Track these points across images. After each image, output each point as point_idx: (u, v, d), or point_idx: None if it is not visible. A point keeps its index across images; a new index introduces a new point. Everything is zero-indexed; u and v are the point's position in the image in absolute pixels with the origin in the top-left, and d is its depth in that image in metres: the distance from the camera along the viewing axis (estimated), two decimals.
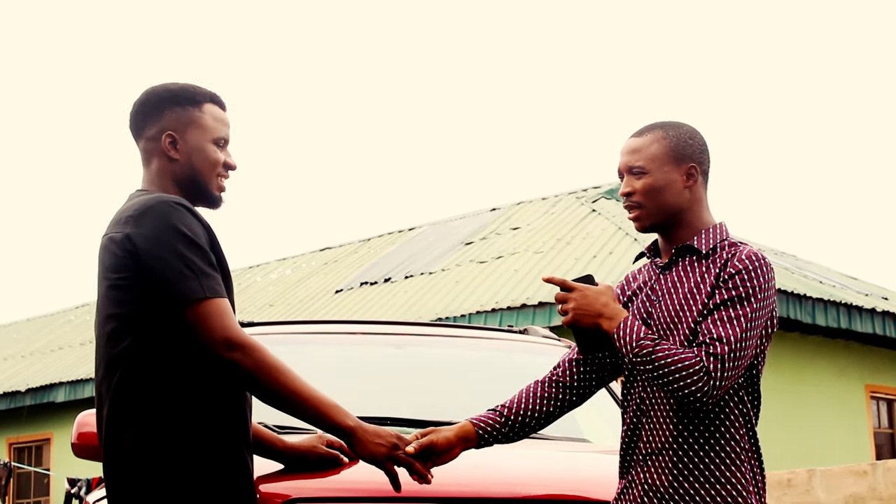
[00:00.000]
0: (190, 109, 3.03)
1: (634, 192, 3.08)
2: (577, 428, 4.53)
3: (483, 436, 3.16)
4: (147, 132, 3.04)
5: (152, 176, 3.05)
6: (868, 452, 15.38)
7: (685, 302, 2.99)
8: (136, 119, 3.07)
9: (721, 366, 2.86)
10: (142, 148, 3.07)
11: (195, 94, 3.06)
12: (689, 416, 2.95)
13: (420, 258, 19.21)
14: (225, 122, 3.08)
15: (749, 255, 2.97)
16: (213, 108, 3.07)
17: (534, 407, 3.20)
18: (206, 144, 3.03)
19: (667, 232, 3.11)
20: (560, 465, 3.69)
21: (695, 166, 3.07)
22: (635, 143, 3.11)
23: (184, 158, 3.01)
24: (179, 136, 3.01)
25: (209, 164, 3.03)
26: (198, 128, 3.03)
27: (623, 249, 15.40)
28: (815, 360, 14.94)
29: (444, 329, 5.12)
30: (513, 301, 14.96)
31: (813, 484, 9.67)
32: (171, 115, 3.02)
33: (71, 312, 26.04)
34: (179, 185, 3.03)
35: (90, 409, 4.48)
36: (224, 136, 3.06)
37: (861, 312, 15.03)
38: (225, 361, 2.80)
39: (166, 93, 3.05)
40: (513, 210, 20.00)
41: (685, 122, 3.14)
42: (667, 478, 2.95)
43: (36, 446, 21.08)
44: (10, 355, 23.88)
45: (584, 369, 3.22)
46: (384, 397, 4.26)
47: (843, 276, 18.37)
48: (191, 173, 3.02)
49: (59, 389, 20.04)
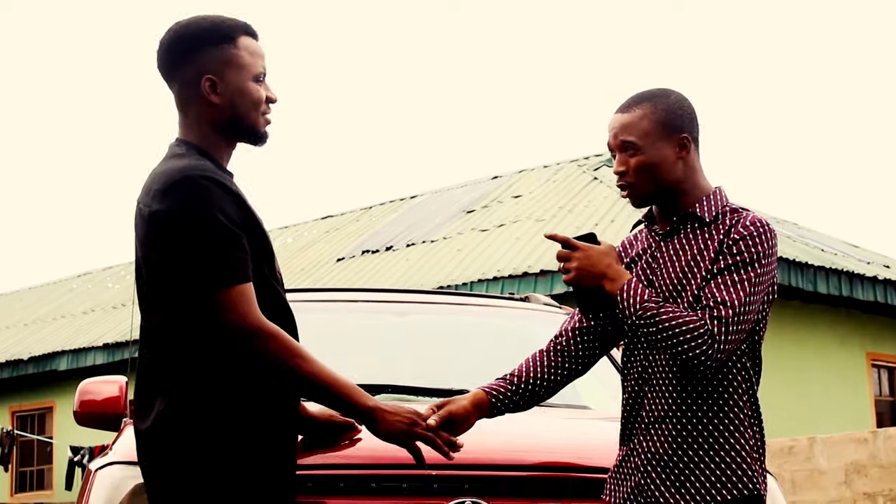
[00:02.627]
0: (226, 48, 2.87)
1: (628, 170, 3.03)
2: (578, 395, 4.54)
3: (496, 404, 3.16)
4: (182, 75, 2.88)
5: (191, 123, 2.90)
6: (869, 420, 15.41)
7: (688, 269, 2.98)
8: (167, 59, 2.91)
9: (725, 328, 2.85)
10: (176, 92, 2.91)
11: (229, 28, 2.89)
12: (693, 384, 2.94)
13: (421, 226, 19.20)
14: (261, 55, 2.92)
15: (754, 221, 2.96)
16: (247, 41, 2.91)
17: (542, 375, 3.20)
18: (247, 84, 2.88)
19: (664, 203, 3.08)
20: (561, 433, 3.70)
21: (686, 136, 3.02)
22: (624, 118, 3.04)
23: (225, 102, 2.87)
24: (219, 79, 2.85)
25: (253, 103, 2.89)
26: (237, 67, 2.87)
27: (625, 217, 15.39)
28: (817, 328, 14.95)
29: (446, 297, 5.13)
30: (514, 269, 14.96)
31: (814, 451, 9.69)
32: (206, 55, 2.85)
33: (73, 281, 26.06)
34: (222, 130, 2.89)
35: (93, 378, 4.50)
36: (263, 70, 2.92)
37: (862, 280, 15.03)
38: (244, 348, 2.75)
39: (198, 30, 2.88)
40: (514, 178, 19.98)
41: (670, 89, 3.08)
42: (669, 446, 2.95)
43: (39, 414, 21.14)
44: (12, 324, 23.92)
45: (586, 338, 3.21)
46: (386, 365, 4.27)
47: (844, 244, 18.36)
48: (234, 116, 2.88)
49: (61, 358, 20.09)
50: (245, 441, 2.81)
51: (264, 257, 2.88)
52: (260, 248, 2.85)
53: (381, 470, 3.19)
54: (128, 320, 20.11)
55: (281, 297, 2.94)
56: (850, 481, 9.50)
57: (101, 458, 3.47)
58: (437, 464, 3.19)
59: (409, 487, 3.16)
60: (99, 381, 4.40)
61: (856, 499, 9.45)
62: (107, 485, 3.29)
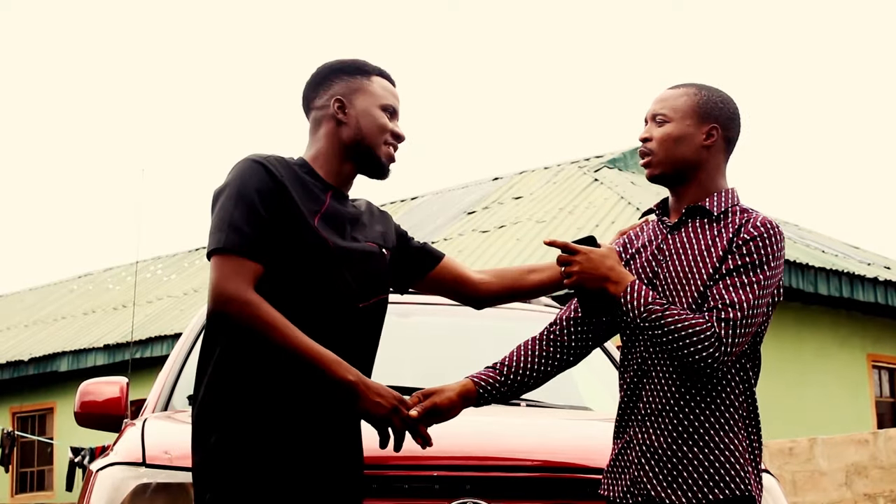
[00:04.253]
0: (359, 78, 3.08)
1: (651, 138, 3.08)
2: (579, 396, 4.54)
3: (483, 394, 3.14)
4: (317, 102, 3.09)
5: (318, 140, 3.08)
6: (869, 421, 15.41)
7: (695, 264, 2.98)
8: (307, 90, 3.12)
9: (732, 332, 2.85)
10: (311, 118, 3.11)
11: (365, 65, 3.11)
12: (692, 379, 2.94)
13: (422, 227, 19.20)
14: (394, 94, 3.13)
15: (764, 223, 2.96)
16: (382, 80, 3.12)
17: (531, 365, 3.18)
18: (373, 109, 3.06)
19: (677, 187, 3.09)
20: (562, 434, 3.70)
21: (716, 127, 3.05)
22: (667, 93, 3.11)
23: (352, 122, 3.04)
24: (348, 101, 3.05)
25: (377, 127, 3.06)
26: (366, 94, 3.07)
27: (625, 219, 15.39)
28: (817, 330, 14.95)
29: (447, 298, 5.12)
30: None
31: (814, 452, 9.69)
32: (339, 82, 3.08)
33: (73, 282, 26.06)
34: (346, 149, 3.05)
35: (93, 379, 4.50)
36: (393, 105, 3.10)
37: (863, 282, 15.03)
38: (219, 315, 2.79)
39: (336, 64, 3.11)
40: (515, 179, 19.98)
41: (725, 91, 3.13)
42: (665, 440, 2.95)
43: (39, 415, 21.14)
44: (13, 325, 23.92)
45: (580, 328, 3.20)
46: (389, 366, 4.26)
47: (845, 246, 18.36)
48: (357, 136, 3.04)
49: (62, 359, 20.09)
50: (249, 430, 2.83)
51: (304, 255, 2.88)
52: (298, 243, 2.88)
53: (383, 470, 3.19)
54: (128, 321, 20.13)
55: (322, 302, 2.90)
56: (850, 482, 9.51)
57: (102, 459, 3.47)
58: (439, 464, 3.20)
59: (411, 488, 3.16)
60: (100, 381, 4.40)
61: (856, 500, 9.45)
62: (108, 485, 3.29)
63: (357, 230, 3.05)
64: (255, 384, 2.85)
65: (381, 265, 3.06)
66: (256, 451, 2.83)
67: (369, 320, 3.02)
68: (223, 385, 2.87)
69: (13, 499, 20.91)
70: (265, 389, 2.85)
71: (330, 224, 2.96)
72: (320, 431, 2.89)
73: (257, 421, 2.84)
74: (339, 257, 2.93)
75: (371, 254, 3.03)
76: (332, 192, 3.02)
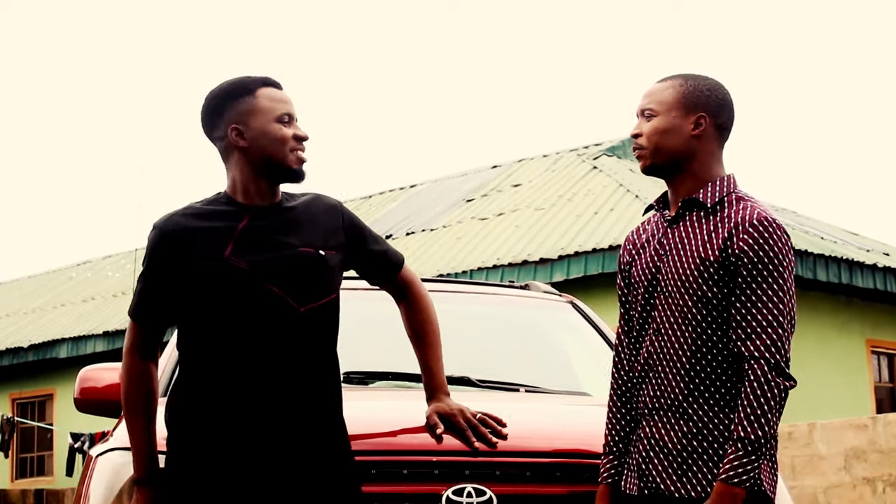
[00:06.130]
0: (247, 99, 3.16)
1: (641, 133, 3.10)
2: (577, 381, 4.55)
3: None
4: (217, 133, 3.20)
5: (231, 168, 3.20)
6: (868, 406, 15.43)
7: (693, 266, 2.97)
8: (204, 122, 3.23)
9: (776, 349, 2.87)
10: (218, 148, 3.23)
11: (247, 83, 3.19)
12: (701, 377, 2.94)
13: (421, 215, 19.20)
14: (283, 100, 3.19)
15: (761, 220, 2.94)
16: (267, 90, 3.19)
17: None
18: (269, 125, 3.15)
19: (672, 179, 3.10)
20: (561, 419, 3.70)
21: (704, 116, 3.05)
22: (654, 87, 3.13)
23: (252, 144, 3.14)
24: (244, 126, 3.15)
25: (277, 141, 3.14)
26: (257, 112, 3.15)
27: (624, 206, 15.39)
28: (817, 316, 14.96)
29: (446, 285, 5.12)
30: (514, 257, 14.97)
31: (813, 437, 9.71)
32: (230, 109, 3.16)
33: (72, 269, 26.06)
34: (257, 171, 3.16)
35: (93, 365, 4.50)
36: (285, 112, 3.17)
37: (862, 268, 15.03)
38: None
39: (220, 92, 3.19)
40: (514, 167, 19.97)
41: (711, 78, 3.13)
42: (675, 435, 2.95)
43: (39, 402, 21.17)
44: (12, 312, 23.94)
45: None
46: (386, 353, 4.27)
47: (844, 232, 18.36)
48: (262, 155, 3.14)
49: (61, 346, 20.12)
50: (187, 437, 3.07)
51: (223, 284, 3.09)
52: (214, 277, 3.09)
53: (382, 456, 3.20)
54: (127, 309, 20.11)
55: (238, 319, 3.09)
56: (849, 466, 9.53)
57: (101, 445, 3.48)
58: (439, 450, 3.21)
59: (410, 474, 3.17)
60: (99, 368, 4.41)
61: (855, 484, 9.47)
62: (108, 471, 3.31)
63: (293, 234, 3.16)
64: (207, 394, 3.08)
65: (319, 268, 3.16)
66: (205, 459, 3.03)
67: (316, 323, 3.13)
68: (182, 393, 3.13)
69: (13, 484, 20.94)
70: (216, 400, 3.06)
71: (249, 244, 3.11)
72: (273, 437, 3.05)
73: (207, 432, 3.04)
74: (262, 273, 3.08)
75: (306, 258, 3.14)
76: (249, 215, 3.15)
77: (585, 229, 15.07)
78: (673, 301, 3.00)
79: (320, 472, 3.04)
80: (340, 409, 3.15)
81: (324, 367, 3.14)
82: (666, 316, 3.01)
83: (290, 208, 3.21)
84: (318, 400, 3.09)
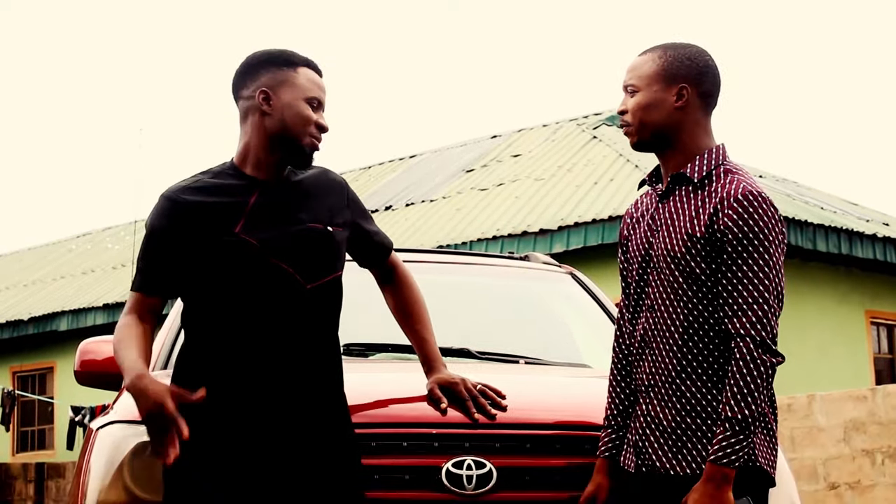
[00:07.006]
0: (285, 70, 3.15)
1: (626, 109, 3.09)
2: (578, 353, 4.55)
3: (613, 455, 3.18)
4: (244, 92, 3.18)
5: (246, 132, 3.18)
6: (868, 377, 15.45)
7: (680, 238, 2.95)
8: (235, 82, 3.21)
9: (764, 324, 2.87)
10: (239, 107, 3.21)
11: (292, 57, 3.18)
12: (693, 353, 2.93)
13: (421, 186, 19.18)
14: (320, 86, 3.19)
15: (745, 195, 2.90)
16: (308, 71, 3.18)
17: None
18: (298, 101, 3.13)
19: (661, 153, 3.08)
20: (561, 391, 3.71)
21: (686, 87, 3.02)
22: (635, 61, 3.11)
23: (276, 113, 3.12)
24: (273, 93, 3.13)
25: (300, 119, 3.13)
26: (291, 86, 3.14)
27: (624, 176, 15.36)
28: (816, 286, 14.96)
29: (446, 256, 5.12)
30: (514, 228, 14.95)
31: (813, 408, 9.73)
32: (266, 74, 3.15)
33: (72, 241, 26.05)
34: (271, 140, 3.14)
35: (93, 338, 4.50)
36: (318, 97, 3.16)
37: (862, 238, 15.02)
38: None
39: (264, 54, 3.19)
40: (514, 137, 19.93)
41: (693, 45, 3.09)
42: (670, 412, 2.94)
43: (39, 375, 21.19)
44: (11, 284, 23.93)
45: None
46: (388, 324, 4.27)
47: (843, 202, 18.34)
48: (281, 127, 3.12)
49: (61, 318, 20.11)
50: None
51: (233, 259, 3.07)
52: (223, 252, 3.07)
53: (382, 429, 3.20)
54: (128, 280, 20.12)
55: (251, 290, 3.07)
56: (848, 438, 9.54)
57: (102, 418, 3.48)
58: (439, 422, 3.21)
59: (410, 446, 3.17)
60: (99, 340, 4.40)
61: (854, 455, 9.49)
62: (108, 443, 3.31)
63: (303, 210, 3.15)
64: (213, 368, 3.06)
65: (327, 244, 3.16)
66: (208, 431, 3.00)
67: (322, 300, 3.13)
68: (187, 366, 3.12)
69: (14, 457, 20.98)
70: (221, 375, 3.05)
71: (259, 220, 3.10)
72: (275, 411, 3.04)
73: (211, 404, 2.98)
74: (272, 250, 3.08)
75: (314, 235, 3.13)
76: (259, 189, 3.14)
77: (585, 200, 15.05)
78: (664, 278, 2.98)
79: (322, 445, 3.05)
80: (342, 385, 3.15)
81: (326, 343, 3.14)
82: (659, 292, 3.00)
83: (298, 182, 3.20)
84: (320, 375, 3.09)
